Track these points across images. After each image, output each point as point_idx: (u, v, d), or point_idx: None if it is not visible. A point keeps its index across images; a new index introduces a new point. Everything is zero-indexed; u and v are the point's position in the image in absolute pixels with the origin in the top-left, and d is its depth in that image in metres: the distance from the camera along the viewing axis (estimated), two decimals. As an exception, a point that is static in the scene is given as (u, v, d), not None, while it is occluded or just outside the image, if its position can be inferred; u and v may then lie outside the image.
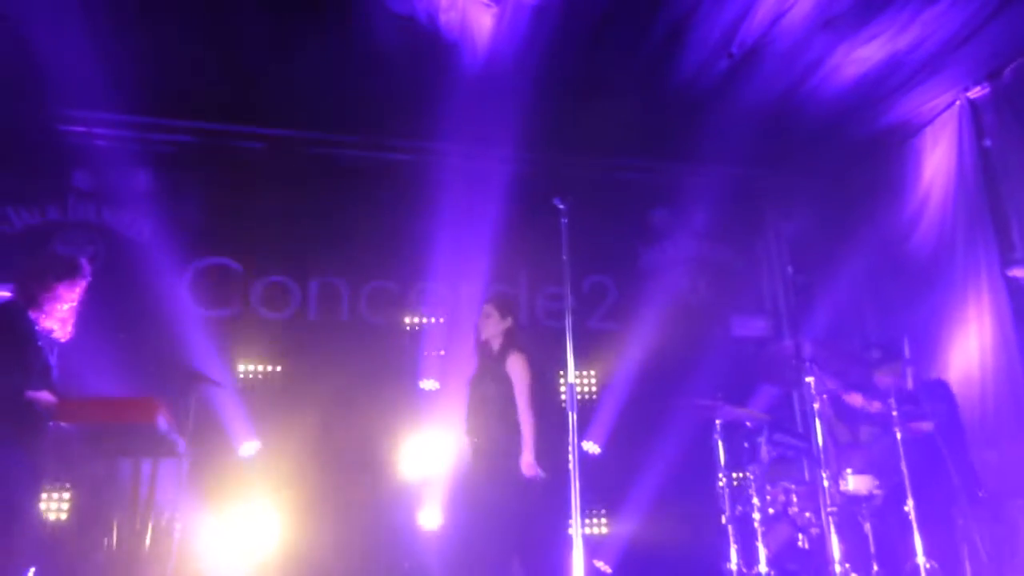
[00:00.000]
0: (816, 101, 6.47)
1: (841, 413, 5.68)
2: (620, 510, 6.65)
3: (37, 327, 4.05)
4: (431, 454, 6.44)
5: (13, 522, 3.73)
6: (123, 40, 5.57)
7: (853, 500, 4.86)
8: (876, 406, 5.24)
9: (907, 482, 4.65)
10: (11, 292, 4.15)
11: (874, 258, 7.01)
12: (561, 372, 6.63)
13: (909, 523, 4.59)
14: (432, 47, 5.77)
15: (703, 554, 5.69)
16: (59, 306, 4.13)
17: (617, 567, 6.28)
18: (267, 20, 5.54)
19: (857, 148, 7.09)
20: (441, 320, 6.98)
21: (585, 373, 7.17)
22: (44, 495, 5.61)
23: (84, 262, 4.29)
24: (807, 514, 5.07)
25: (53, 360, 4.13)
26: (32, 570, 3.90)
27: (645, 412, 6.69)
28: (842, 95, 6.41)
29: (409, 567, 5.93)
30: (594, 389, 7.15)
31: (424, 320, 7.01)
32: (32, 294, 4.09)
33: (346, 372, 6.52)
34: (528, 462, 4.80)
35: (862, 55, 5.94)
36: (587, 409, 6.83)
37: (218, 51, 5.82)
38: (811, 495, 5.05)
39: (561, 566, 4.45)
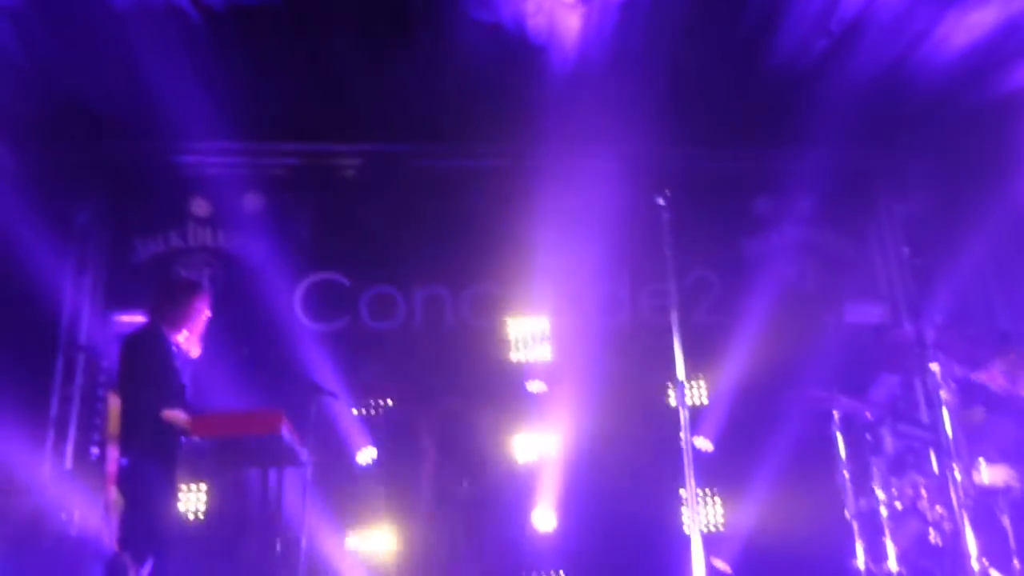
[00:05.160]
0: (925, 73, 6.17)
1: (968, 398, 5.36)
2: (737, 506, 6.51)
3: (174, 349, 4.29)
4: (540, 456, 6.47)
5: (155, 526, 3.98)
6: (226, 71, 5.85)
7: (988, 492, 4.60)
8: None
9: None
10: (147, 317, 4.40)
11: (998, 234, 6.62)
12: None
13: (1053, 515, 4.31)
14: (521, 52, 5.82)
15: (827, 551, 5.50)
16: (200, 319, 4.38)
17: (737, 566, 6.13)
18: (359, 39, 5.71)
19: (973, 119, 6.70)
20: (547, 321, 7.00)
21: (692, 375, 6.92)
22: (181, 502, 5.96)
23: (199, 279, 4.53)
24: (938, 508, 4.81)
25: (187, 379, 4.36)
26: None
27: (757, 405, 6.51)
28: (953, 65, 6.09)
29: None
30: (703, 389, 6.99)
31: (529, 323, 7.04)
32: (170, 316, 4.32)
33: (453, 376, 6.64)
34: None
35: (973, 21, 5.64)
36: (697, 410, 6.69)
37: (314, 73, 6.04)
38: (941, 488, 4.78)
39: (679, 565, 4.38)
